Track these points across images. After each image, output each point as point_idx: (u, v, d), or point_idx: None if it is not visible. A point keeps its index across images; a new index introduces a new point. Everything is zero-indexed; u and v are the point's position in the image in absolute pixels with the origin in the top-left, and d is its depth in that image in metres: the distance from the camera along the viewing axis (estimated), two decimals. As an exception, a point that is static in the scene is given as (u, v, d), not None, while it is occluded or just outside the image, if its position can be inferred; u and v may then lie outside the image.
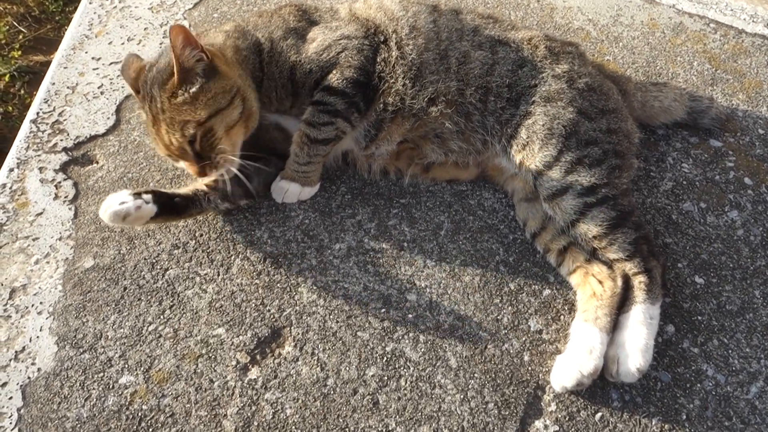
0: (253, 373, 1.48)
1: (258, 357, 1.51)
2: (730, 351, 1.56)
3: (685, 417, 1.46)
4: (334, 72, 1.64)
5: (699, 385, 1.51)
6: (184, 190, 1.68)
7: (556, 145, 1.61)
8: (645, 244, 1.59)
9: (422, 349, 1.53)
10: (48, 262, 1.64)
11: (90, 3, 2.34)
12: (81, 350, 1.50)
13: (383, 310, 1.59)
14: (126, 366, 1.48)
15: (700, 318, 1.61)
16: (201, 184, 1.68)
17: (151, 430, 1.40)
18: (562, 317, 1.60)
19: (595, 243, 1.59)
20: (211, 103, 1.53)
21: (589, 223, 1.57)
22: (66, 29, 3.09)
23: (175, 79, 1.50)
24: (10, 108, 2.94)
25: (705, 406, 1.48)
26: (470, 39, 1.73)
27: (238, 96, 1.58)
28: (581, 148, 1.61)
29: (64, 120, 1.95)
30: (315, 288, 1.62)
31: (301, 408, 1.43)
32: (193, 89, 1.51)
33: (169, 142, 1.53)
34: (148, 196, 1.59)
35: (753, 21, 2.39)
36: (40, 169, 1.82)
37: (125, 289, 1.60)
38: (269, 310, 1.58)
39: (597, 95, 1.69)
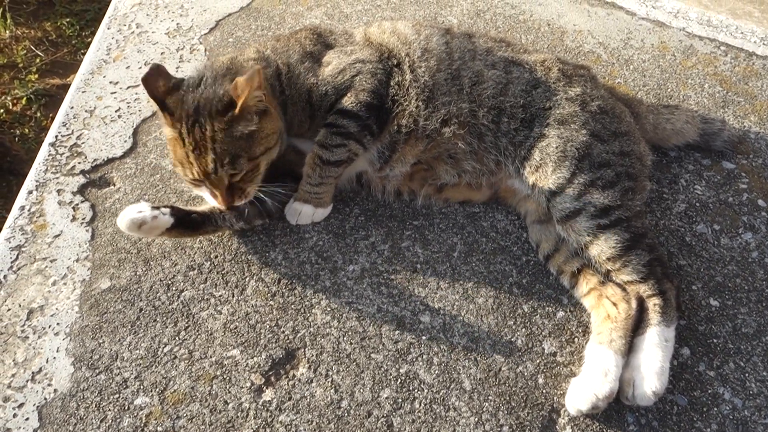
0: (268, 394, 1.48)
1: (272, 378, 1.51)
2: (746, 374, 1.55)
3: (702, 441, 1.45)
4: (349, 95, 1.67)
5: (716, 408, 1.50)
6: (200, 208, 1.71)
7: (569, 167, 1.62)
8: (659, 266, 1.58)
9: (436, 371, 1.53)
10: (65, 284, 1.66)
11: (108, 28, 2.38)
12: (97, 371, 1.51)
13: (397, 331, 1.59)
14: (141, 387, 1.49)
15: (715, 341, 1.60)
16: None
17: (165, 451, 1.40)
18: (576, 339, 1.60)
19: (608, 265, 1.59)
20: (264, 142, 1.59)
21: (602, 245, 1.57)
22: (82, 53, 3.15)
23: (235, 113, 1.51)
24: (27, 130, 2.99)
25: (722, 431, 1.46)
26: (483, 59, 1.75)
27: (281, 135, 1.65)
28: (594, 170, 1.61)
29: (82, 143, 1.98)
30: (329, 309, 1.62)
31: (315, 430, 1.43)
32: (252, 127, 1.54)
33: (212, 170, 1.53)
34: (165, 209, 1.63)
35: (764, 43, 2.40)
36: (58, 191, 1.85)
37: (141, 310, 1.61)
38: (283, 332, 1.58)
39: (609, 118, 1.71)
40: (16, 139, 2.94)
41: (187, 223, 1.66)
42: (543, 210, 1.71)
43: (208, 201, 1.67)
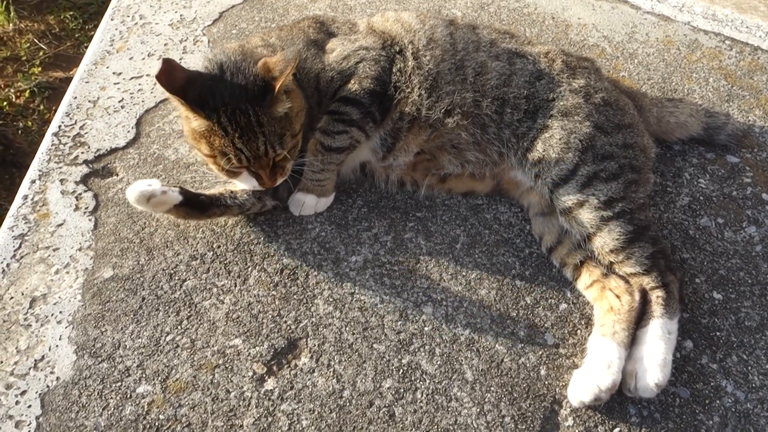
0: (270, 384, 1.48)
1: (274, 368, 1.51)
2: (749, 367, 1.55)
3: (704, 433, 1.44)
4: (352, 82, 1.67)
5: (718, 401, 1.49)
6: (208, 191, 1.72)
7: (573, 159, 1.61)
8: (662, 258, 1.58)
9: (438, 362, 1.53)
10: (68, 272, 1.66)
11: (112, 19, 2.38)
12: (99, 359, 1.51)
13: (399, 322, 1.59)
14: (143, 376, 1.49)
15: (718, 334, 1.60)
16: (227, 187, 1.72)
17: (167, 440, 1.40)
18: (578, 331, 1.59)
19: (611, 257, 1.58)
20: (298, 119, 1.60)
21: (605, 237, 1.57)
22: (85, 47, 3.15)
23: (274, 95, 1.50)
24: (30, 123, 2.99)
25: (724, 423, 1.46)
26: (487, 50, 1.75)
27: (306, 113, 1.66)
28: (597, 162, 1.61)
29: (85, 133, 1.98)
30: (331, 300, 1.62)
31: (317, 419, 1.43)
32: (287, 105, 1.55)
33: (263, 152, 1.54)
34: (175, 188, 1.64)
35: (768, 38, 2.40)
36: (61, 180, 1.85)
37: (143, 299, 1.61)
38: (286, 322, 1.58)
39: (613, 110, 1.70)
40: (19, 131, 2.94)
41: (194, 203, 1.66)
42: (546, 202, 1.71)
43: (244, 185, 1.65)
